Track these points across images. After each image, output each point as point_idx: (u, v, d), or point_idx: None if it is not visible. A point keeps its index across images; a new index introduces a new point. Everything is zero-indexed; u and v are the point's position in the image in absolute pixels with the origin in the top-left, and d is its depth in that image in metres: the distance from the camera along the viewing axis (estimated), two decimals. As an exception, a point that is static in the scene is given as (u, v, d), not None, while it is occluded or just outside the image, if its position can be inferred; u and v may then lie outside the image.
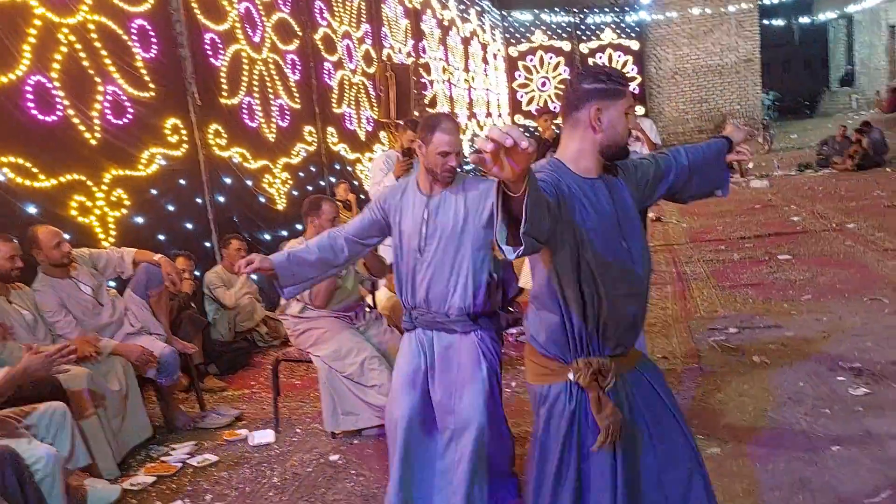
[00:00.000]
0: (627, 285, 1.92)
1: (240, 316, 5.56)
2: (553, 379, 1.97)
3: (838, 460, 3.17)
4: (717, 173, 2.31)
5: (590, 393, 1.89)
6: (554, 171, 1.90)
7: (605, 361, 1.90)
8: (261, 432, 4.01)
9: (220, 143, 6.32)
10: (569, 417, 1.93)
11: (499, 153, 1.37)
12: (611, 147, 1.92)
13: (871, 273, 6.22)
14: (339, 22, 9.07)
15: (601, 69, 1.93)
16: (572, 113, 1.92)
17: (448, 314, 2.68)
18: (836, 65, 30.60)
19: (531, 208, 1.49)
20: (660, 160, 2.18)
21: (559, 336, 1.93)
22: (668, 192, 2.20)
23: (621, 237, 1.93)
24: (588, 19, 21.27)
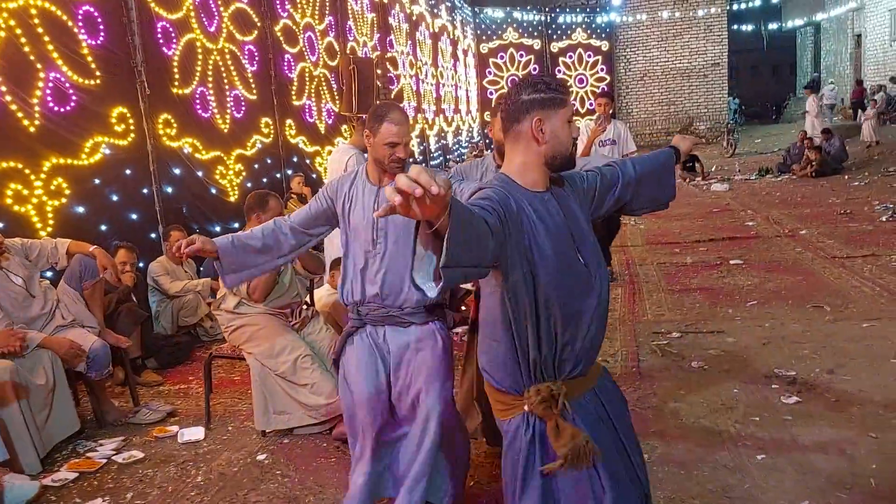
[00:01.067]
0: (585, 299, 1.87)
1: (183, 311, 5.48)
2: (511, 412, 1.91)
3: (762, 469, 3.20)
4: (665, 184, 2.30)
5: (547, 421, 1.83)
6: (502, 186, 1.84)
7: (555, 387, 1.83)
8: (191, 429, 3.95)
9: (170, 133, 6.21)
10: (527, 447, 1.87)
11: (409, 202, 1.30)
12: (556, 158, 1.87)
13: (817, 280, 6.32)
14: (302, 14, 8.97)
15: (539, 78, 1.88)
16: (513, 126, 1.88)
17: (403, 307, 2.62)
18: (803, 71, 31.08)
19: (453, 241, 1.41)
20: (606, 172, 2.14)
21: (511, 366, 1.87)
22: (616, 203, 2.17)
23: (576, 250, 1.88)
24: (559, 19, 21.36)
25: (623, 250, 8.39)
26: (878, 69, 21.34)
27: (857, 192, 11.45)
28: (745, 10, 23.63)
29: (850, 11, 23.43)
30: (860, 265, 6.68)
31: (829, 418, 3.64)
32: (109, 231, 5.38)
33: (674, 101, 22.10)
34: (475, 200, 1.73)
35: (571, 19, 21.41)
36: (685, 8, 21.46)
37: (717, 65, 21.89)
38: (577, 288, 1.85)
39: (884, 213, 9.06)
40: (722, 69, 22.01)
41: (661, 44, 21.88)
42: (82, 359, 3.93)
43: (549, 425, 1.82)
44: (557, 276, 1.80)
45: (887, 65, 20.96)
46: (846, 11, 23.67)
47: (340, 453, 3.63)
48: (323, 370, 3.80)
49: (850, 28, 24.05)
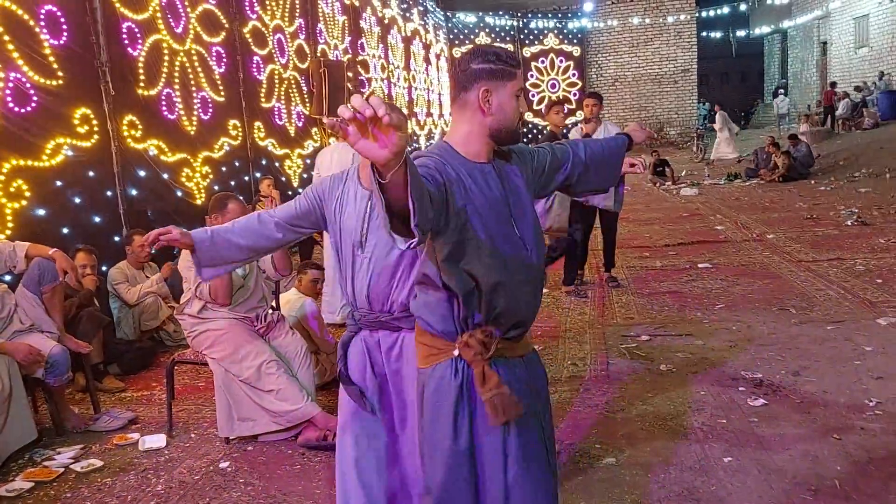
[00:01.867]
0: (520, 272, 1.86)
1: (144, 315, 5.37)
2: (439, 358, 1.88)
3: (728, 471, 3.21)
4: (613, 170, 2.30)
5: (474, 367, 1.82)
6: (440, 154, 1.83)
7: (490, 331, 1.82)
8: (152, 437, 3.86)
9: (135, 134, 6.11)
10: (455, 393, 1.84)
11: (365, 125, 1.28)
12: (500, 131, 1.86)
13: (784, 284, 6.39)
14: (271, 16, 8.89)
15: (491, 49, 1.86)
16: (461, 94, 1.86)
17: (391, 312, 2.53)
18: (770, 78, 31.62)
19: (417, 199, 1.41)
20: (557, 150, 2.14)
21: (446, 313, 1.85)
22: (564, 182, 2.17)
23: (512, 223, 1.87)
24: (531, 24, 21.48)
25: (593, 254, 8.42)
26: (843, 76, 21.78)
27: (823, 198, 11.65)
28: (713, 18, 23.98)
29: (816, 19, 23.90)
30: (825, 269, 6.78)
31: (794, 420, 3.67)
32: (71, 234, 5.26)
33: (645, 107, 22.33)
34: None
35: (543, 24, 21.54)
36: (655, 14, 21.72)
37: (686, 71, 22.18)
38: (510, 259, 1.84)
39: (848, 218, 9.22)
40: (692, 75, 22.31)
41: (631, 49, 22.11)
42: (41, 365, 3.83)
43: (476, 371, 1.81)
44: (491, 245, 1.80)
45: (852, 72, 21.40)
46: (812, 19, 24.14)
47: (306, 460, 3.57)
48: (288, 376, 3.74)
49: (816, 36, 24.53)
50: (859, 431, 3.49)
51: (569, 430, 3.69)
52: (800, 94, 26.53)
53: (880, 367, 4.26)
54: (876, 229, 8.51)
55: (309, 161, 9.83)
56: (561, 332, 5.46)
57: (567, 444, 3.53)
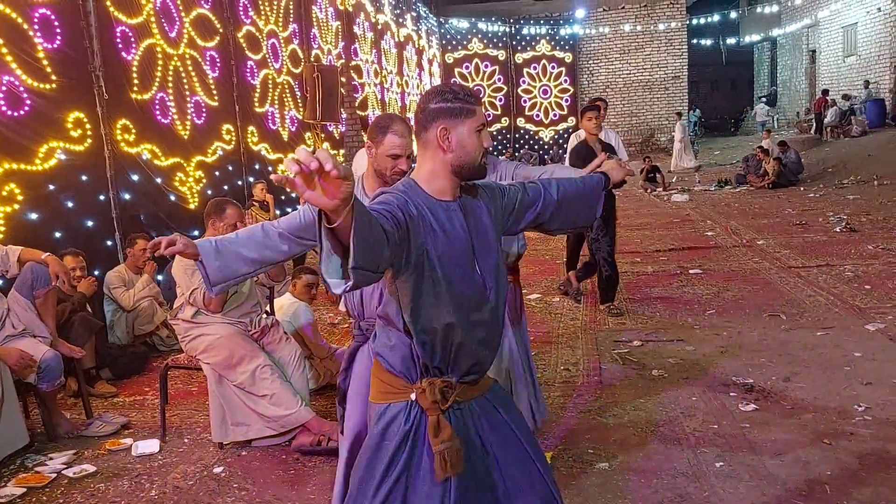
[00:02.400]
0: (477, 312, 1.87)
1: (138, 319, 5.36)
2: (394, 398, 1.88)
3: (720, 476, 3.23)
4: (588, 210, 2.30)
5: (429, 415, 1.82)
6: (405, 191, 1.84)
7: (450, 382, 1.84)
8: (145, 442, 3.85)
9: (129, 138, 6.09)
10: (400, 439, 1.84)
11: (310, 177, 1.30)
12: (462, 167, 1.87)
13: (774, 289, 6.44)
14: (265, 21, 8.90)
15: (448, 87, 1.89)
16: (422, 133, 1.89)
17: None
18: (760, 85, 31.84)
19: (359, 240, 1.41)
20: (529, 189, 2.14)
21: (406, 354, 1.86)
22: (534, 222, 2.17)
23: (474, 263, 1.88)
24: (524, 30, 21.57)
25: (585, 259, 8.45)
26: (831, 84, 21.96)
27: (812, 204, 11.74)
28: (704, 25, 24.16)
29: (805, 28, 24.10)
30: (815, 275, 6.84)
31: (785, 426, 3.70)
32: (64, 238, 5.24)
33: (636, 113, 22.45)
34: (373, 205, 1.73)
35: (536, 31, 21.63)
36: (646, 22, 21.86)
37: (677, 78, 22.31)
38: (470, 299, 1.85)
39: (837, 224, 9.30)
40: (682, 82, 22.44)
41: (623, 56, 22.23)
42: (33, 369, 3.82)
43: (431, 420, 1.81)
44: (451, 286, 1.80)
45: (840, 79, 21.59)
46: (801, 28, 24.34)
47: (300, 465, 3.58)
48: (282, 381, 3.75)
49: (804, 44, 24.73)
50: (849, 437, 3.52)
51: (561, 435, 3.71)
52: (789, 101, 26.74)
53: (869, 373, 4.31)
54: (864, 236, 8.58)
55: (302, 166, 9.82)
56: (553, 337, 5.49)
57: (560, 450, 3.55)
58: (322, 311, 6.71)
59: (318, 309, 6.60)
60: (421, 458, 1.83)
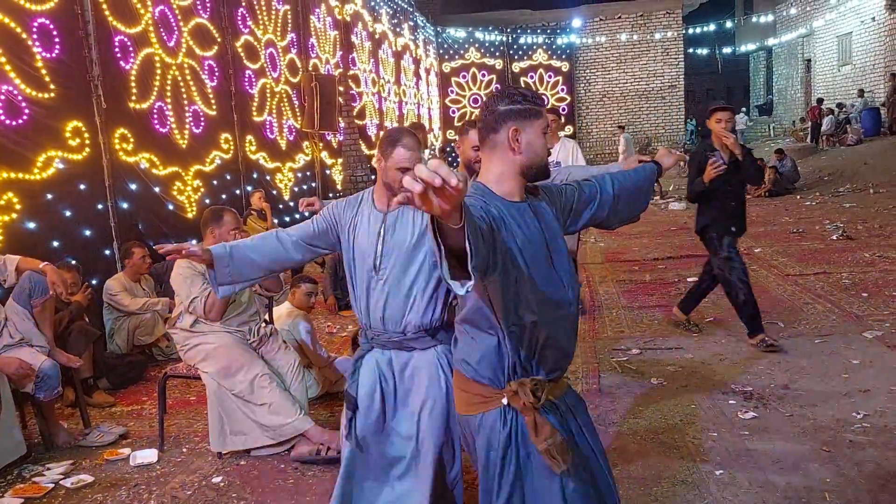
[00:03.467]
0: (560, 310, 1.89)
1: (139, 330, 5.35)
2: (486, 406, 1.89)
3: (720, 484, 3.23)
4: (642, 198, 2.33)
5: (525, 416, 1.83)
6: (479, 194, 1.86)
7: (539, 380, 1.84)
8: (143, 452, 3.84)
9: (127, 147, 6.10)
10: (504, 444, 1.85)
11: (427, 193, 1.29)
12: (531, 168, 1.90)
13: (771, 297, 6.45)
14: (263, 30, 8.93)
15: (516, 90, 1.92)
16: (490, 136, 1.90)
17: (405, 332, 2.56)
18: (756, 94, 31.97)
19: (473, 241, 1.43)
20: (585, 187, 2.16)
21: (493, 359, 1.86)
22: (593, 219, 2.19)
23: (550, 261, 1.90)
24: (520, 39, 21.65)
25: (583, 268, 8.47)
26: (826, 93, 22.06)
27: (809, 212, 11.77)
28: (700, 35, 24.27)
29: (800, 37, 24.23)
30: (812, 282, 6.85)
31: (785, 433, 3.70)
32: (62, 247, 5.24)
33: (633, 122, 22.52)
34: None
35: (532, 40, 21.71)
36: (643, 31, 21.97)
37: (673, 87, 22.40)
38: (551, 297, 1.87)
39: (834, 232, 9.32)
40: (679, 91, 22.53)
41: (619, 66, 22.32)
42: (31, 379, 3.81)
43: (528, 420, 1.82)
44: (533, 284, 1.82)
45: (836, 88, 21.69)
46: (796, 37, 24.47)
47: (299, 475, 3.57)
48: (281, 389, 3.74)
49: (800, 53, 24.86)
50: (848, 444, 3.53)
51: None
52: (784, 110, 26.85)
53: (867, 381, 4.31)
54: (861, 243, 8.60)
55: (300, 174, 9.84)
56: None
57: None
58: (321, 320, 6.70)
59: (316, 318, 6.60)
60: (529, 458, 1.85)
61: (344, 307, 6.99)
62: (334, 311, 6.90)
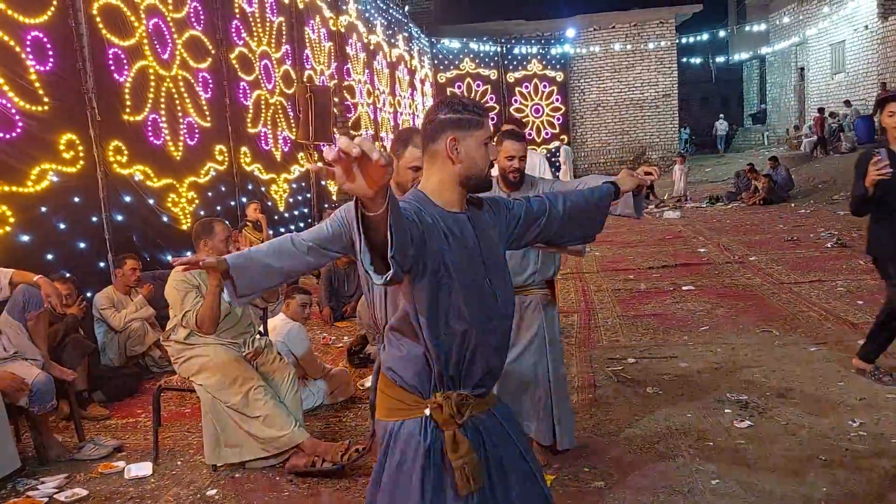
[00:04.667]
0: (491, 325, 1.87)
1: (130, 341, 5.33)
2: (407, 414, 1.86)
3: (716, 493, 3.23)
4: (597, 219, 2.29)
5: (446, 431, 1.81)
6: (416, 201, 1.85)
7: (466, 396, 1.83)
8: (138, 465, 3.82)
9: (121, 160, 6.10)
10: (423, 456, 1.82)
11: (350, 166, 1.30)
12: (470, 178, 1.89)
13: (766, 305, 6.46)
14: (258, 42, 8.95)
15: (458, 99, 1.90)
16: (430, 144, 1.90)
17: None
18: (750, 103, 32.12)
19: (396, 230, 1.43)
20: (534, 202, 2.15)
21: (421, 368, 1.84)
22: (541, 235, 2.16)
23: (485, 274, 1.88)
24: (515, 49, 21.73)
25: (579, 277, 8.48)
26: (820, 101, 22.17)
27: (803, 220, 11.81)
28: (693, 44, 24.39)
29: (794, 46, 24.37)
30: (807, 290, 6.87)
31: (780, 442, 3.70)
32: (56, 260, 5.23)
33: (627, 131, 22.59)
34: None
35: (527, 50, 21.80)
36: (637, 41, 22.07)
37: (667, 96, 22.49)
38: (482, 311, 1.85)
39: (828, 240, 9.35)
40: (672, 100, 22.62)
41: (614, 75, 22.40)
42: (24, 393, 3.79)
43: (447, 435, 1.80)
44: (464, 296, 1.80)
45: (829, 96, 21.80)
46: (790, 46, 24.61)
47: (294, 487, 3.55)
48: (276, 402, 3.73)
49: (793, 62, 24.99)
50: (844, 453, 3.52)
51: (557, 454, 3.69)
52: (778, 118, 26.96)
53: (863, 389, 4.31)
54: (856, 251, 8.62)
55: (295, 186, 9.85)
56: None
57: (555, 468, 3.54)
58: (316, 330, 6.69)
59: (311, 329, 6.59)
60: (445, 474, 1.82)
61: (339, 318, 6.98)
62: (330, 322, 6.89)
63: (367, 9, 14.19)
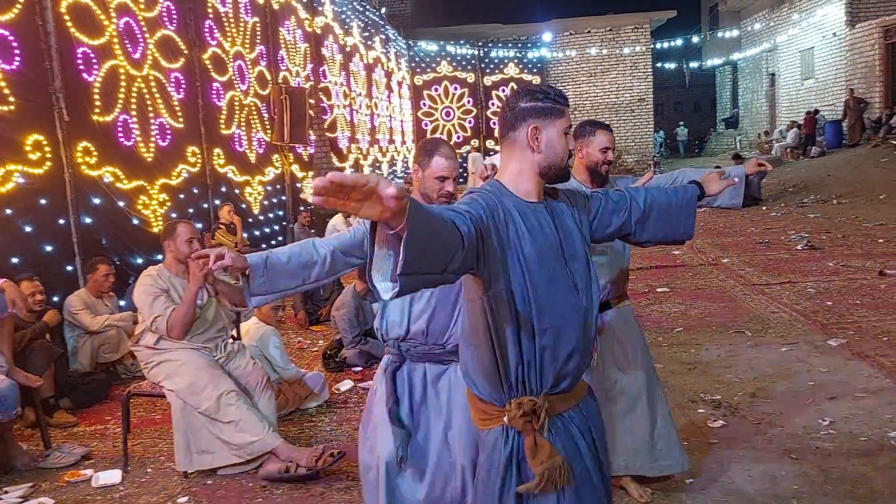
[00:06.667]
0: (570, 316, 1.82)
1: (104, 347, 5.21)
2: (490, 423, 1.85)
3: (690, 492, 3.24)
4: (681, 219, 2.19)
5: (525, 436, 1.78)
6: (492, 193, 1.81)
7: (538, 401, 1.79)
8: (107, 472, 3.74)
9: (90, 161, 5.99)
10: (504, 464, 1.80)
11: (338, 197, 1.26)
12: (550, 168, 1.84)
13: (738, 306, 6.53)
14: (231, 42, 8.86)
15: (539, 87, 1.86)
16: (509, 133, 1.86)
17: (445, 345, 2.52)
18: (722, 108, 32.52)
19: (410, 248, 1.38)
20: (613, 197, 2.08)
21: (492, 376, 1.82)
22: (619, 231, 2.09)
23: (565, 265, 1.84)
24: (492, 53, 21.78)
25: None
26: (790, 106, 22.52)
27: (774, 223, 11.96)
28: (668, 49, 24.65)
29: (765, 52, 24.72)
30: (778, 292, 6.95)
31: (754, 441, 3.73)
32: (22, 264, 5.11)
33: (602, 135, 22.71)
34: (456, 205, 1.73)
35: (504, 54, 21.86)
36: (612, 46, 22.24)
37: (643, 100, 22.69)
38: (562, 303, 1.81)
39: (799, 242, 9.47)
40: (647, 104, 22.82)
41: (590, 79, 22.56)
42: (-13, 399, 3.69)
43: (527, 441, 1.77)
44: (542, 289, 1.77)
45: (799, 102, 22.14)
46: (761, 52, 24.96)
47: (267, 493, 3.50)
48: (249, 407, 3.67)
49: (764, 67, 25.35)
50: (815, 451, 3.56)
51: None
52: (750, 122, 27.33)
53: (833, 388, 4.37)
54: (825, 253, 8.75)
55: (270, 188, 9.76)
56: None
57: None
58: (290, 334, 6.63)
59: (286, 333, 6.53)
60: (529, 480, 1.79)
61: (315, 322, 6.92)
62: (305, 326, 6.83)
63: (344, 10, 14.13)
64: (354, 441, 4.04)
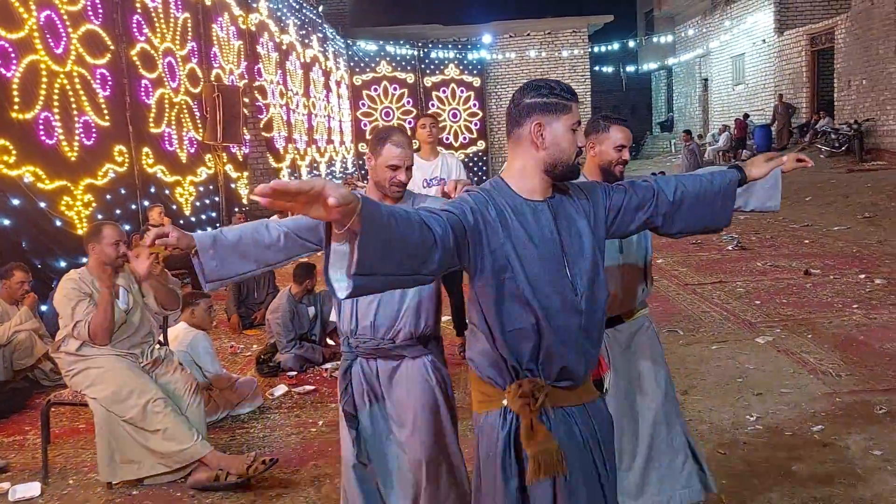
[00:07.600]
0: (565, 316, 1.78)
1: (16, 354, 4.97)
2: (490, 406, 1.84)
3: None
4: (716, 208, 2.10)
5: (522, 419, 1.75)
6: (491, 190, 1.78)
7: (538, 383, 1.77)
8: (25, 485, 3.55)
9: (8, 160, 5.73)
10: (502, 445, 1.78)
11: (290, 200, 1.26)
12: (556, 165, 1.80)
13: (672, 306, 6.67)
14: (161, 38, 8.60)
15: (545, 82, 1.82)
16: (514, 129, 1.82)
17: (394, 340, 2.46)
18: (658, 111, 33.37)
19: (365, 249, 1.37)
20: (638, 188, 2.00)
21: (494, 358, 1.80)
22: (648, 223, 2.02)
23: (564, 265, 1.79)
24: (432, 54, 21.79)
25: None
26: (722, 110, 23.26)
27: (707, 223, 12.29)
28: (605, 53, 25.13)
29: (698, 57, 25.48)
30: (709, 291, 7.13)
31: (683, 438, 3.79)
32: (-67, 268, 4.85)
33: (541, 137, 23.00)
34: (434, 205, 1.74)
35: (444, 55, 21.89)
36: (551, 49, 22.55)
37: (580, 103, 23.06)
38: (557, 303, 1.77)
39: (729, 243, 9.75)
40: (585, 108, 23.20)
41: (528, 81, 22.81)
42: None
43: (524, 423, 1.76)
44: (535, 289, 1.74)
45: (731, 106, 22.89)
46: (694, 57, 25.72)
47: (196, 503, 3.39)
48: (177, 414, 3.54)
49: (697, 73, 26.12)
50: (742, 446, 3.65)
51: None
52: (684, 126, 28.09)
53: (760, 384, 4.49)
54: (754, 253, 9.04)
55: (202, 188, 9.52)
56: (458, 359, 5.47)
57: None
58: (223, 339, 6.45)
59: (219, 337, 6.36)
60: (525, 462, 1.77)
61: (248, 326, 6.76)
62: (238, 330, 6.66)
63: (280, 7, 13.90)
64: (287, 447, 3.97)
